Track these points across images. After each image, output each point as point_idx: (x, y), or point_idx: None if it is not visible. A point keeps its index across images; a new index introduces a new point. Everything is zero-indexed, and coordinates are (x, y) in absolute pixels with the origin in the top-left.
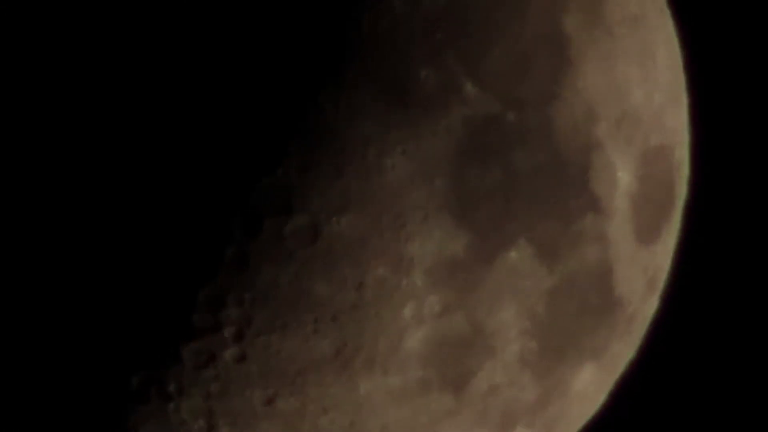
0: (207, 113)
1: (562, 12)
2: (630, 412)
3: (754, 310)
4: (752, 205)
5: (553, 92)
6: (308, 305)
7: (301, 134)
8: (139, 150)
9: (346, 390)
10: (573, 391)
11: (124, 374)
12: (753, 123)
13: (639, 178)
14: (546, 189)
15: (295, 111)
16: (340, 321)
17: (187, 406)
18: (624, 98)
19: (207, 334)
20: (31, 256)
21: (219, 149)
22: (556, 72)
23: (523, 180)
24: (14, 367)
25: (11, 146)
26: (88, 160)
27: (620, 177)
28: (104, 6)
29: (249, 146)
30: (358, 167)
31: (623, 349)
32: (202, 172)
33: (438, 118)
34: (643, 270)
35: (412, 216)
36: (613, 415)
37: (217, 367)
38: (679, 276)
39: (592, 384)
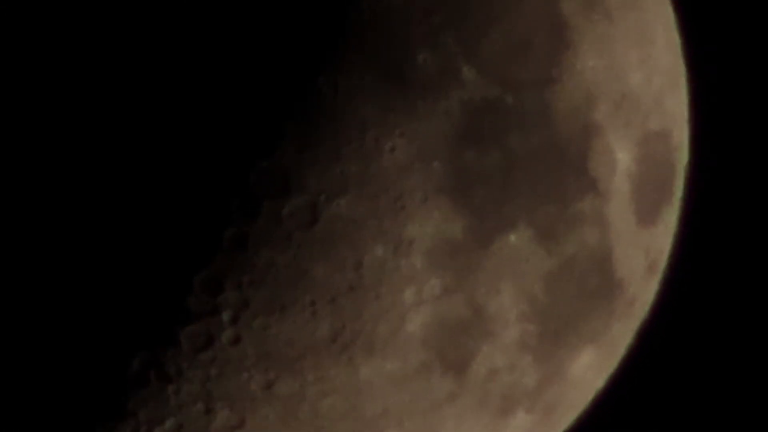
0: (204, 95)
1: None
2: (630, 396)
3: (754, 293)
4: (752, 189)
5: (551, 75)
6: (306, 287)
7: (299, 116)
8: (136, 133)
9: (345, 374)
10: (572, 374)
11: (123, 357)
12: (752, 106)
13: (638, 161)
14: (544, 171)
15: (294, 93)
16: (338, 303)
17: (186, 389)
18: (623, 81)
19: (205, 317)
20: (27, 240)
21: (217, 131)
22: (554, 55)
23: (521, 162)
24: (13, 352)
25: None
26: (84, 143)
27: (619, 159)
28: None
29: (247, 128)
30: (357, 149)
31: (623, 332)
32: (200, 154)
33: (436, 101)
34: (643, 252)
35: (410, 198)
36: (612, 399)
37: (215, 350)
38: (679, 258)
39: (591, 367)
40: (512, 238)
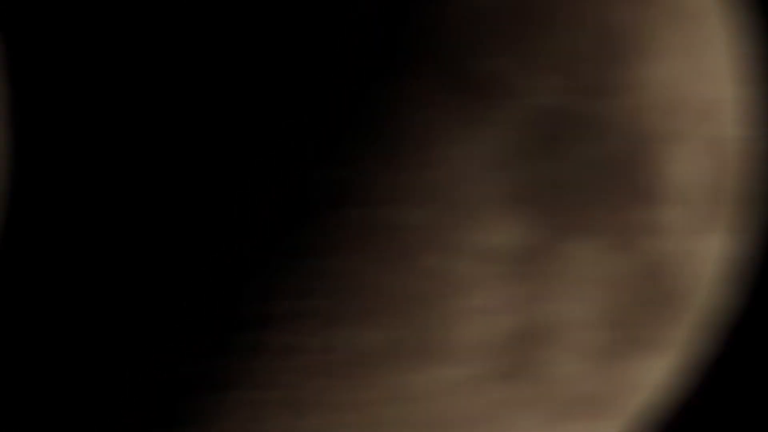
0: (260, 104)
1: (620, 3)
2: (693, 405)
3: None
4: None
5: (610, 84)
6: (363, 296)
7: (356, 124)
8: (191, 143)
9: (401, 381)
10: (637, 382)
11: (173, 366)
12: None
13: (701, 170)
14: (607, 180)
15: (353, 101)
16: (396, 312)
17: (237, 398)
18: (684, 89)
19: (259, 326)
20: (80, 249)
21: (274, 139)
22: (615, 63)
23: (583, 171)
24: (65, 359)
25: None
26: (143, 153)
27: (680, 168)
28: None
29: (305, 136)
30: (416, 158)
31: (689, 341)
32: (257, 163)
33: (497, 110)
34: (710, 260)
35: (470, 206)
36: (676, 407)
37: (268, 358)
38: (745, 265)
39: (656, 375)
40: (575, 246)
